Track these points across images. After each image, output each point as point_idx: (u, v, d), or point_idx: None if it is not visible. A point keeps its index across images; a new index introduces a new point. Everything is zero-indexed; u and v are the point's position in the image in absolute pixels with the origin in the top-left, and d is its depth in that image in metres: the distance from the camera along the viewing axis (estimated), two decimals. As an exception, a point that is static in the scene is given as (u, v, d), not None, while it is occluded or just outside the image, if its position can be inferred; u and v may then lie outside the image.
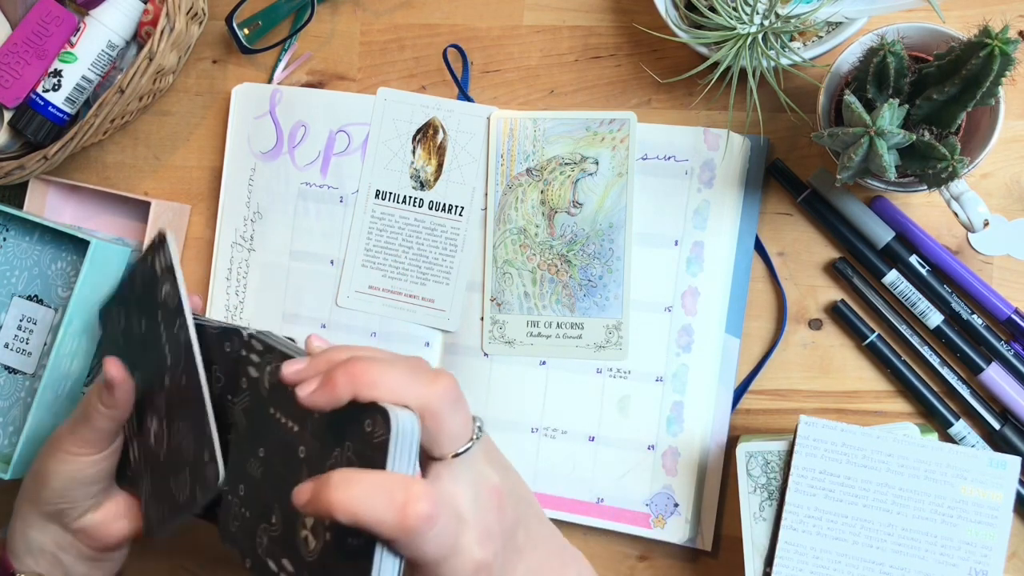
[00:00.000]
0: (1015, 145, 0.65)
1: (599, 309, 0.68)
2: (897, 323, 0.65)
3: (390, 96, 0.72)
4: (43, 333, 0.72)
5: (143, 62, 0.66)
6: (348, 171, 0.72)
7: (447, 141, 0.71)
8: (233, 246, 0.74)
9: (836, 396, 0.66)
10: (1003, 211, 0.65)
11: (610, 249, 0.68)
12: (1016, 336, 0.64)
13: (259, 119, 0.73)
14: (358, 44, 0.74)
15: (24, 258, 0.73)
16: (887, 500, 0.57)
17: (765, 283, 0.68)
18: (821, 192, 0.66)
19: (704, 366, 0.67)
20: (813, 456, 0.58)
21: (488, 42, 0.72)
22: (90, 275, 0.66)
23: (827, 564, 0.58)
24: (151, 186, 0.77)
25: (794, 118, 0.65)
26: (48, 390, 0.67)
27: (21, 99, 0.69)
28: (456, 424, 0.40)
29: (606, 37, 0.70)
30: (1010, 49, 0.49)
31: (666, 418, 0.67)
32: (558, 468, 0.68)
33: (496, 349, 0.69)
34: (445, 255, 0.71)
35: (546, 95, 0.71)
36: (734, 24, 0.58)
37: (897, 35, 0.55)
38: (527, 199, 0.69)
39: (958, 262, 0.64)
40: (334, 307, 0.72)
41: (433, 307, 0.71)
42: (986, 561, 0.57)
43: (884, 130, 0.51)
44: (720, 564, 0.67)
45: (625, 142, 0.68)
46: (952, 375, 0.64)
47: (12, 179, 0.69)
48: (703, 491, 0.66)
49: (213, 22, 0.75)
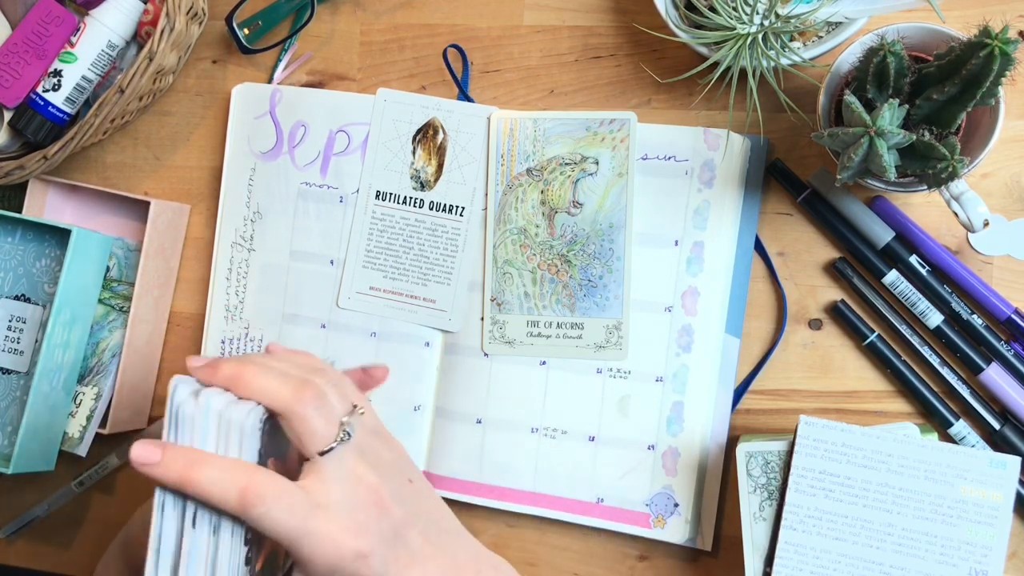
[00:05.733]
0: (1015, 145, 0.65)
1: (599, 309, 0.68)
2: (897, 323, 0.65)
3: (390, 96, 0.72)
4: (33, 330, 0.72)
5: (143, 62, 0.66)
6: (348, 171, 0.72)
7: (447, 141, 0.71)
8: (233, 246, 0.74)
9: (836, 396, 0.66)
10: (1003, 211, 0.65)
11: (610, 249, 0.68)
12: (1016, 336, 0.64)
13: (259, 119, 0.73)
14: (358, 44, 0.74)
15: (8, 259, 0.73)
16: (887, 500, 0.57)
17: (765, 283, 0.68)
18: (821, 192, 0.66)
19: (704, 366, 0.67)
20: (813, 456, 0.58)
21: (488, 42, 0.72)
22: (74, 264, 0.67)
23: (827, 564, 0.58)
24: (151, 186, 0.77)
25: (794, 118, 0.65)
26: (43, 381, 0.67)
27: (21, 99, 0.69)
28: (317, 426, 0.45)
29: (606, 37, 0.70)
30: (1010, 49, 0.49)
31: (666, 418, 0.67)
32: (558, 468, 0.68)
33: (496, 349, 0.69)
34: (446, 255, 0.71)
35: (546, 95, 0.71)
36: (734, 24, 0.58)
37: (897, 35, 0.55)
38: (527, 199, 0.69)
39: (958, 262, 0.64)
40: (334, 307, 0.72)
41: (434, 307, 0.71)
42: (986, 561, 0.57)
43: (884, 130, 0.51)
44: (720, 564, 0.67)
45: (625, 142, 0.68)
46: (952, 375, 0.64)
47: (12, 179, 0.69)
48: (703, 491, 0.66)
49: (213, 22, 0.75)
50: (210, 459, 0.44)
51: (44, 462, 0.70)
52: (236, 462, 0.44)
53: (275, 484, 0.44)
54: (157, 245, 0.73)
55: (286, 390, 0.45)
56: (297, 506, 0.44)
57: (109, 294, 0.74)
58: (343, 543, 0.44)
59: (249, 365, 0.46)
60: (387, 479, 0.47)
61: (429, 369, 0.71)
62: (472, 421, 0.69)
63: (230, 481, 0.43)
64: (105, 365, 0.73)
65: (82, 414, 0.72)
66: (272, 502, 0.43)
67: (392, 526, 0.47)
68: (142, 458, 0.43)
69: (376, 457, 0.48)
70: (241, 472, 0.44)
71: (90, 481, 0.75)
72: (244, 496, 0.43)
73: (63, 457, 0.72)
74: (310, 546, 0.44)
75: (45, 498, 0.76)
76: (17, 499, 0.78)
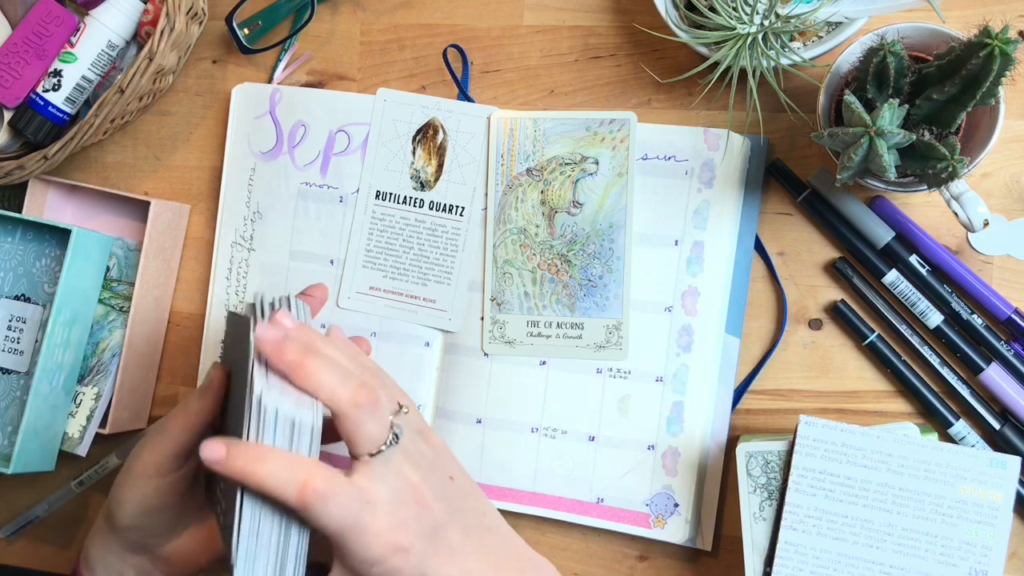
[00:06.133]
0: (1015, 145, 0.65)
1: (599, 309, 0.68)
2: (897, 323, 0.65)
3: (390, 96, 0.72)
4: (33, 330, 0.72)
5: (143, 62, 0.66)
6: (348, 171, 0.72)
7: (447, 141, 0.71)
8: (233, 246, 0.74)
9: (836, 396, 0.66)
10: (1003, 211, 0.65)
11: (610, 249, 0.68)
12: (1016, 336, 0.64)
13: (259, 119, 0.73)
14: (358, 44, 0.74)
15: (8, 259, 0.73)
16: (887, 500, 0.57)
17: (765, 283, 0.68)
18: (821, 192, 0.66)
19: (704, 366, 0.67)
20: (813, 456, 0.58)
21: (488, 42, 0.72)
22: (74, 264, 0.67)
23: (827, 564, 0.58)
24: (151, 186, 0.77)
25: (794, 118, 0.65)
26: (42, 381, 0.67)
27: (21, 99, 0.69)
28: (370, 429, 0.47)
29: (606, 37, 0.70)
30: (1010, 49, 0.49)
31: (666, 418, 0.67)
32: (558, 468, 0.68)
33: (496, 349, 0.69)
34: (446, 255, 0.71)
35: (546, 95, 0.71)
36: (734, 24, 0.58)
37: (897, 35, 0.55)
38: (527, 199, 0.69)
39: (958, 262, 0.64)
40: (334, 307, 0.72)
41: (435, 307, 0.71)
42: (986, 561, 0.57)
43: (884, 130, 0.51)
44: (720, 564, 0.67)
45: (625, 142, 0.68)
46: (952, 375, 0.64)
47: (12, 179, 0.69)
48: (703, 491, 0.66)
49: (213, 22, 0.75)
50: (272, 454, 0.46)
51: (44, 462, 0.70)
52: (297, 457, 0.46)
53: (333, 481, 0.46)
54: (157, 245, 0.73)
55: (345, 392, 0.47)
56: (351, 503, 0.46)
57: (109, 294, 0.74)
58: (387, 539, 0.46)
59: (314, 357, 0.47)
60: (429, 477, 0.49)
61: (429, 369, 0.71)
62: (472, 421, 0.69)
63: (290, 476, 0.45)
64: (105, 365, 0.73)
65: (82, 414, 0.72)
66: (330, 498, 0.45)
67: (432, 523, 0.48)
68: (209, 455, 0.45)
69: (419, 456, 0.50)
70: (301, 467, 0.45)
71: (90, 481, 0.75)
72: (303, 491, 0.45)
73: (63, 457, 0.72)
74: (356, 541, 0.46)
75: (45, 498, 0.76)
76: (17, 499, 0.78)
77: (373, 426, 0.47)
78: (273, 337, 0.47)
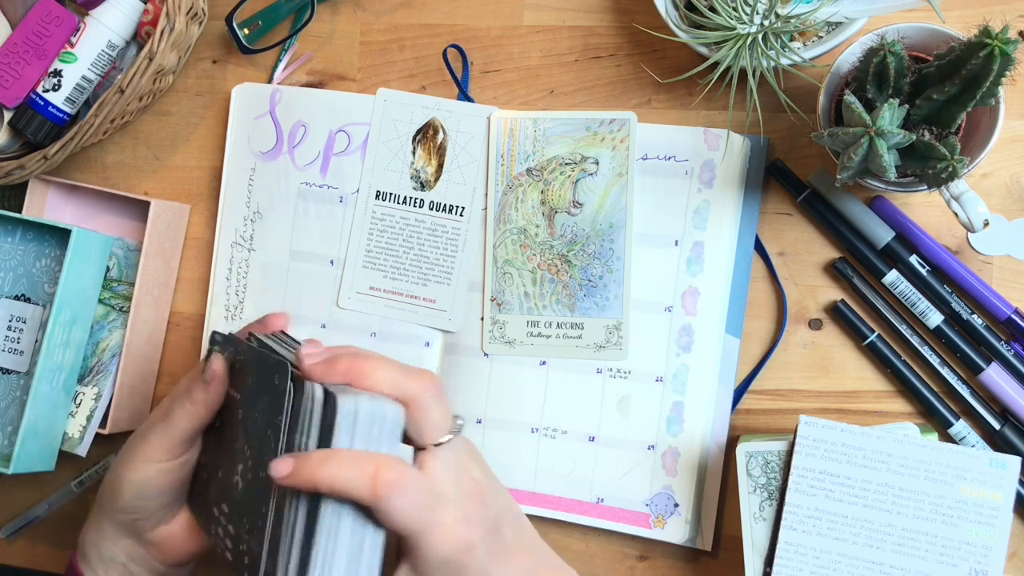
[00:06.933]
0: (1015, 145, 0.65)
1: (599, 309, 0.68)
2: (897, 323, 0.65)
3: (390, 96, 0.72)
4: (33, 330, 0.72)
5: (143, 62, 0.66)
6: (348, 171, 0.72)
7: (447, 141, 0.71)
8: (233, 246, 0.74)
9: (836, 396, 0.66)
10: (1003, 211, 0.65)
11: (610, 249, 0.68)
12: (1016, 336, 0.64)
13: (259, 119, 0.73)
14: (358, 44, 0.74)
15: (8, 259, 0.73)
16: (887, 500, 0.57)
17: (765, 283, 0.68)
18: (821, 192, 0.66)
19: (704, 366, 0.67)
20: (813, 456, 0.58)
21: (488, 42, 0.72)
22: (74, 264, 0.67)
23: (827, 564, 0.58)
24: (151, 186, 0.77)
25: (794, 118, 0.65)
26: (43, 381, 0.67)
27: (21, 99, 0.69)
28: (437, 416, 0.46)
29: (606, 37, 0.70)
30: (1010, 49, 0.49)
31: (666, 418, 0.67)
32: (558, 468, 0.68)
33: (496, 349, 0.69)
34: (446, 255, 0.71)
35: (546, 95, 0.71)
36: (734, 24, 0.58)
37: (897, 35, 0.55)
38: (527, 199, 0.69)
39: (958, 262, 0.64)
40: (334, 308, 0.72)
41: (435, 307, 0.71)
42: (986, 561, 0.57)
43: (884, 130, 0.51)
44: (720, 564, 0.67)
45: (625, 142, 0.68)
46: (952, 375, 0.64)
47: (12, 179, 0.69)
48: (703, 491, 0.66)
49: (213, 22, 0.75)
50: (336, 453, 0.44)
51: (44, 462, 0.70)
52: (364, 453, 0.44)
53: (405, 473, 0.44)
54: (157, 245, 0.73)
55: (411, 380, 0.46)
56: (424, 496, 0.45)
57: (109, 294, 0.74)
58: (458, 534, 0.45)
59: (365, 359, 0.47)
60: (486, 471, 0.49)
61: (429, 369, 0.71)
62: (472, 421, 0.69)
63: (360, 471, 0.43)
64: (105, 365, 0.73)
65: (82, 414, 0.72)
66: (403, 488, 0.44)
67: (492, 518, 0.48)
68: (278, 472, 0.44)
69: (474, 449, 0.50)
70: (368, 461, 0.44)
71: (90, 481, 0.75)
72: (376, 486, 0.43)
73: (63, 457, 0.72)
74: (429, 537, 0.45)
75: (45, 498, 0.76)
76: (17, 499, 0.78)
77: (440, 413, 0.47)
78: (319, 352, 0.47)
